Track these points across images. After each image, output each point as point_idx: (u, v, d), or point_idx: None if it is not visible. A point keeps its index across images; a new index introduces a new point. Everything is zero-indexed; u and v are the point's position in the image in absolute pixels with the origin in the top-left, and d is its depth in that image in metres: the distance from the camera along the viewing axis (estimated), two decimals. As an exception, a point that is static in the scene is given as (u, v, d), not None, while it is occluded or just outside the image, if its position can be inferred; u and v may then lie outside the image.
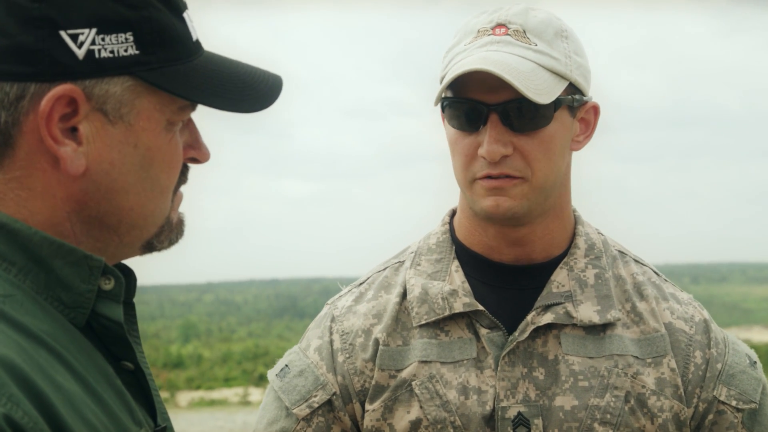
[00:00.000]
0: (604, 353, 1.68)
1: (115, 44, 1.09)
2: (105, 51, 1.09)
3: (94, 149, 1.11)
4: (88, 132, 1.10)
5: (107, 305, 1.14)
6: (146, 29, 1.11)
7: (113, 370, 1.14)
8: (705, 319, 1.76)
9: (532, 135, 1.61)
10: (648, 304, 1.73)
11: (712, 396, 1.71)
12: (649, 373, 1.68)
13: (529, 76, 1.57)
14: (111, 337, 1.15)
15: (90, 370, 1.08)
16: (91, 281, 1.11)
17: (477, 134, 1.62)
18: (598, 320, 1.68)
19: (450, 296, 1.70)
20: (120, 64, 1.10)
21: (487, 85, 1.57)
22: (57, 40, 1.07)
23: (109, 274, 1.13)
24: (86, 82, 1.09)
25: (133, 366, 1.18)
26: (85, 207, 1.12)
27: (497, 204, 1.62)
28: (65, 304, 1.10)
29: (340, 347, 1.74)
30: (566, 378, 1.66)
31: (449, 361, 1.68)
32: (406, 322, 1.72)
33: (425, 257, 1.77)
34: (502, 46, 1.60)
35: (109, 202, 1.13)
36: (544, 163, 1.62)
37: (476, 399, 1.66)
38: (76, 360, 1.07)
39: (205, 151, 1.23)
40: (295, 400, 1.73)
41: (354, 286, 1.83)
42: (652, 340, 1.70)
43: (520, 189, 1.62)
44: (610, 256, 1.77)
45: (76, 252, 1.11)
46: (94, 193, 1.12)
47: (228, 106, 1.18)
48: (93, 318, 1.13)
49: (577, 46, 1.66)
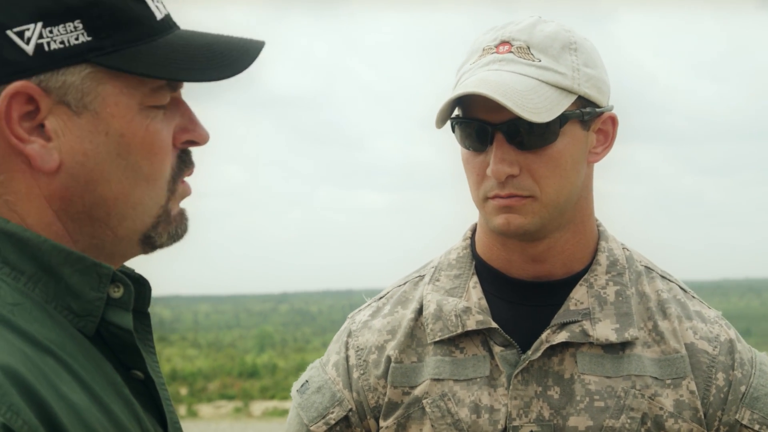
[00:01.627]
0: (621, 373, 1.65)
1: (64, 34, 1.09)
2: (55, 43, 1.09)
3: (65, 143, 1.10)
4: (56, 126, 1.10)
5: (117, 313, 1.13)
6: (95, 14, 1.10)
7: (123, 379, 1.14)
8: (731, 339, 1.71)
9: (539, 152, 1.60)
10: (670, 323, 1.69)
11: (734, 419, 1.66)
12: (668, 395, 1.65)
13: (527, 95, 1.55)
14: (121, 346, 1.15)
15: (97, 380, 1.08)
16: (100, 289, 1.11)
17: (486, 153, 1.62)
18: (616, 339, 1.65)
19: (463, 314, 1.68)
20: (72, 53, 1.09)
21: (490, 104, 1.56)
22: (4, 40, 1.07)
23: (118, 281, 1.13)
24: (41, 76, 1.08)
25: (143, 375, 1.18)
26: (70, 203, 1.12)
27: (508, 222, 1.61)
28: (75, 313, 1.11)
29: (355, 363, 1.74)
30: (581, 398, 1.64)
31: (462, 379, 1.66)
32: (421, 338, 1.71)
33: (445, 272, 1.76)
34: (503, 65, 1.60)
35: (91, 194, 1.12)
36: (552, 180, 1.60)
37: (488, 417, 1.64)
38: (84, 369, 1.07)
39: (201, 132, 1.20)
40: (313, 417, 1.74)
41: (374, 299, 1.83)
42: (672, 361, 1.67)
43: (530, 207, 1.61)
44: (634, 272, 1.74)
45: (85, 260, 1.11)
46: (74, 187, 1.12)
47: (195, 77, 1.15)
48: (103, 326, 1.13)
49: (588, 57, 1.64)
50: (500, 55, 1.61)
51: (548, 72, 1.59)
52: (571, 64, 1.61)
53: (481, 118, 1.60)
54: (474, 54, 1.66)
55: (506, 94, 1.54)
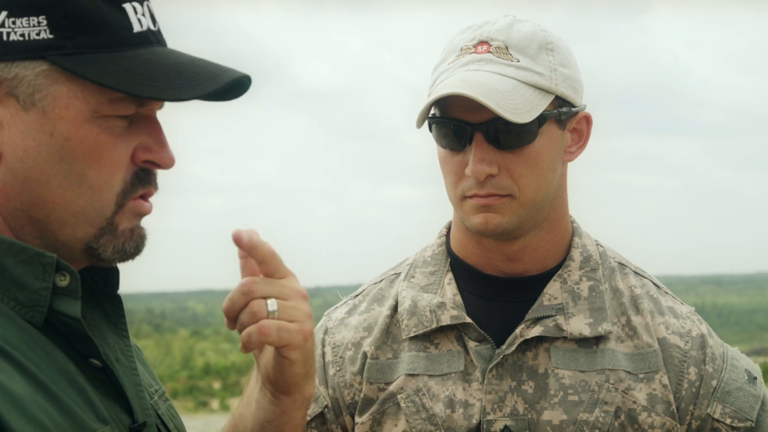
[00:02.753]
0: (595, 367, 1.66)
1: (26, 27, 1.09)
2: (15, 34, 1.08)
3: (8, 135, 1.10)
4: (2, 117, 1.10)
5: (64, 302, 1.12)
6: (61, 13, 1.10)
7: (80, 367, 1.13)
8: (702, 334, 1.72)
9: (518, 152, 1.61)
10: (643, 318, 1.71)
11: (706, 413, 1.68)
12: (641, 389, 1.66)
13: (509, 95, 1.57)
14: (72, 335, 1.13)
15: (45, 370, 1.07)
16: (45, 278, 1.10)
17: (464, 153, 1.62)
18: (589, 333, 1.67)
19: (438, 309, 1.70)
20: (31, 47, 1.09)
21: (469, 104, 1.57)
22: None
23: (63, 270, 1.12)
24: None
25: (101, 363, 1.16)
26: (8, 198, 1.12)
27: (486, 221, 1.63)
28: (22, 304, 1.10)
29: (332, 360, 1.75)
30: (555, 392, 1.65)
31: (437, 374, 1.68)
32: (396, 334, 1.73)
33: (420, 269, 1.78)
34: (482, 65, 1.60)
35: (29, 193, 1.11)
36: (530, 179, 1.62)
37: (462, 412, 1.65)
38: (29, 360, 1.06)
39: (164, 156, 1.17)
40: None
41: (350, 297, 1.84)
42: (644, 355, 1.68)
43: (508, 206, 1.62)
44: (607, 268, 1.75)
45: (27, 250, 1.10)
46: (12, 183, 1.11)
47: (148, 93, 1.12)
48: (53, 316, 1.12)
49: (564, 57, 1.65)
50: (479, 55, 1.62)
51: (527, 72, 1.60)
52: (549, 64, 1.62)
53: (459, 118, 1.61)
54: (451, 53, 1.66)
55: (488, 95, 1.55)
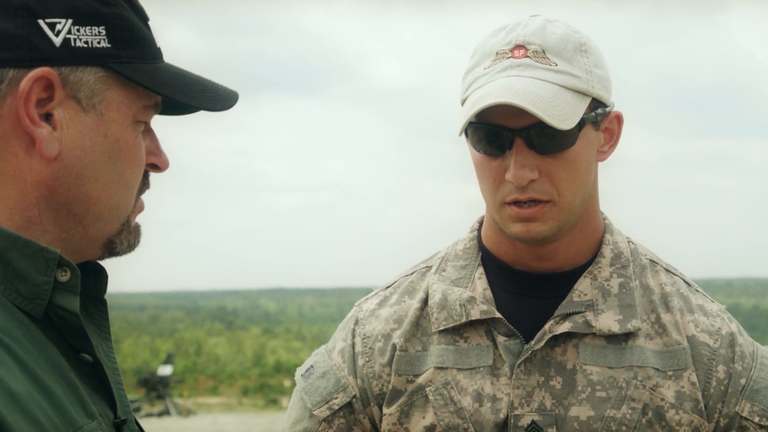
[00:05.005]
0: (624, 364, 1.66)
1: (89, 35, 1.17)
2: (80, 41, 1.17)
3: (68, 135, 1.17)
4: (63, 118, 1.17)
5: (64, 296, 1.17)
6: (117, 25, 1.20)
7: (70, 362, 1.17)
8: (732, 332, 1.71)
9: (557, 156, 1.61)
10: (672, 316, 1.70)
11: (734, 411, 1.67)
12: (669, 386, 1.66)
13: (552, 101, 1.56)
14: (69, 329, 1.19)
15: (40, 363, 1.12)
16: (47, 273, 1.15)
17: (503, 158, 1.62)
18: (618, 329, 1.67)
19: (468, 303, 1.71)
20: (93, 54, 1.18)
21: (510, 110, 1.57)
22: (35, 28, 1.15)
23: (65, 266, 1.17)
24: (62, 68, 1.16)
25: (92, 359, 1.21)
26: (54, 193, 1.18)
27: (527, 230, 1.63)
28: (23, 296, 1.15)
29: (361, 351, 1.78)
30: (583, 388, 1.65)
31: (465, 368, 1.69)
32: (426, 327, 1.75)
33: (451, 263, 1.79)
34: (522, 70, 1.60)
35: (78, 189, 1.18)
36: (570, 183, 1.62)
37: (490, 406, 1.67)
38: (27, 353, 1.10)
39: (164, 159, 1.29)
40: (317, 402, 1.77)
41: (382, 289, 1.86)
42: (673, 352, 1.68)
43: (549, 214, 1.63)
44: (638, 265, 1.75)
45: (31, 244, 1.15)
46: (64, 179, 1.18)
47: (193, 102, 1.26)
48: (51, 309, 1.17)
49: (597, 58, 1.65)
50: (516, 60, 1.61)
51: (566, 76, 1.60)
52: (584, 66, 1.62)
53: (500, 124, 1.60)
54: (486, 57, 1.65)
55: (535, 103, 1.55)
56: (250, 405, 24.22)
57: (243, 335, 46.97)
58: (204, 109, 1.28)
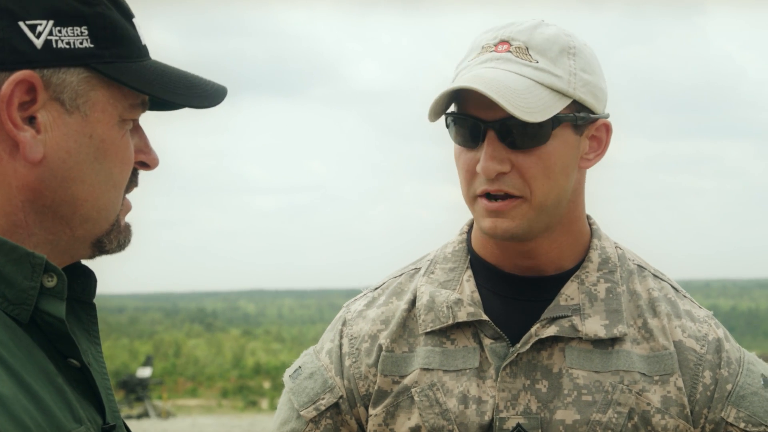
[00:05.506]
0: (610, 368, 1.66)
1: (71, 36, 1.16)
2: (62, 42, 1.15)
3: (52, 138, 1.16)
4: (46, 120, 1.15)
5: (50, 302, 1.16)
6: (100, 24, 1.18)
7: (58, 367, 1.16)
8: (719, 338, 1.72)
9: (530, 152, 1.61)
10: (660, 321, 1.71)
11: (720, 417, 1.67)
12: (656, 391, 1.66)
13: (522, 93, 1.57)
14: (55, 334, 1.17)
15: (28, 368, 1.11)
16: (33, 278, 1.14)
17: (477, 150, 1.63)
18: (604, 334, 1.67)
19: (455, 305, 1.71)
20: (76, 55, 1.16)
21: (484, 101, 1.58)
22: (16, 30, 1.13)
23: (51, 271, 1.16)
24: (44, 71, 1.14)
25: (79, 364, 1.20)
26: (40, 196, 1.16)
27: (495, 225, 1.63)
28: (9, 301, 1.13)
29: (348, 351, 1.77)
30: (569, 392, 1.66)
31: (452, 370, 1.69)
32: (413, 329, 1.75)
33: (440, 266, 1.79)
34: (500, 63, 1.61)
35: (64, 191, 1.17)
36: (542, 181, 1.62)
37: (475, 408, 1.66)
38: (14, 357, 1.09)
39: (153, 156, 1.28)
40: (303, 402, 1.77)
41: (370, 290, 1.86)
42: (660, 357, 1.68)
43: (519, 210, 1.63)
44: (626, 270, 1.75)
45: (17, 250, 1.14)
46: (50, 182, 1.16)
47: (178, 100, 1.25)
48: (37, 315, 1.16)
49: (587, 63, 1.65)
50: (498, 53, 1.63)
51: (544, 73, 1.61)
52: (569, 68, 1.62)
53: (474, 115, 1.62)
54: (473, 51, 1.67)
55: (499, 91, 1.56)
56: (229, 407, 24.18)
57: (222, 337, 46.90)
58: (190, 106, 1.26)
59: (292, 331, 51.17)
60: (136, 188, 1.29)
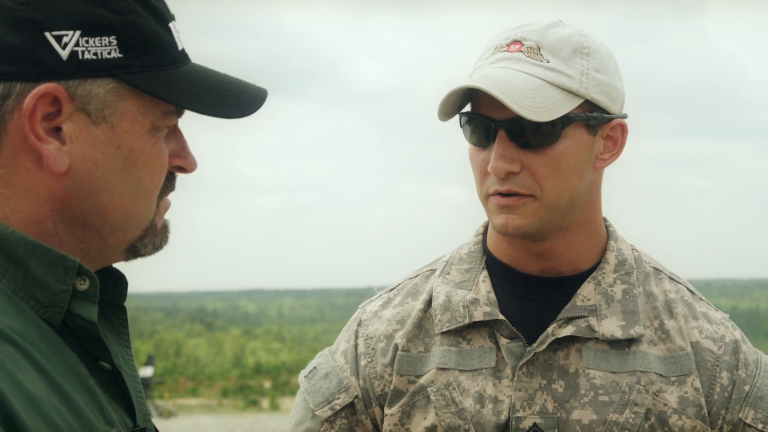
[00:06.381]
0: (626, 368, 1.67)
1: (98, 47, 1.14)
2: (88, 53, 1.14)
3: (78, 149, 1.15)
4: (72, 132, 1.14)
5: (82, 305, 1.16)
6: (129, 34, 1.16)
7: (90, 369, 1.16)
8: (736, 339, 1.72)
9: (540, 152, 1.62)
10: (676, 322, 1.71)
11: (738, 418, 1.68)
12: (672, 392, 1.66)
13: (529, 93, 1.57)
14: (87, 337, 1.18)
15: (60, 369, 1.11)
16: (66, 281, 1.15)
17: (489, 150, 1.64)
18: (621, 335, 1.67)
19: (471, 305, 1.71)
20: (103, 66, 1.15)
21: (496, 101, 1.59)
22: (42, 41, 1.12)
23: (84, 274, 1.16)
24: (70, 82, 1.13)
25: (110, 367, 1.20)
26: (68, 206, 1.16)
27: (507, 222, 1.64)
28: (41, 303, 1.14)
29: (363, 351, 1.78)
30: (586, 392, 1.66)
31: (468, 369, 1.70)
32: (429, 329, 1.75)
33: (456, 266, 1.79)
34: (511, 63, 1.62)
35: (92, 202, 1.17)
36: (553, 180, 1.62)
37: (492, 408, 1.67)
38: (46, 359, 1.10)
39: (191, 161, 1.27)
40: (319, 402, 1.77)
41: (385, 291, 1.87)
42: (677, 358, 1.68)
43: (529, 207, 1.63)
44: (642, 272, 1.75)
45: (51, 252, 1.14)
46: (77, 193, 1.16)
47: (208, 111, 1.22)
48: (69, 318, 1.16)
49: (601, 63, 1.65)
50: (510, 53, 1.64)
51: (554, 73, 1.61)
52: (581, 67, 1.63)
53: (485, 115, 1.63)
54: (487, 51, 1.69)
55: (505, 91, 1.57)
56: (230, 406, 24.17)
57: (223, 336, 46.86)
58: (221, 116, 1.24)
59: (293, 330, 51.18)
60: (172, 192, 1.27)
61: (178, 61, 1.22)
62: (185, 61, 1.23)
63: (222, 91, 1.23)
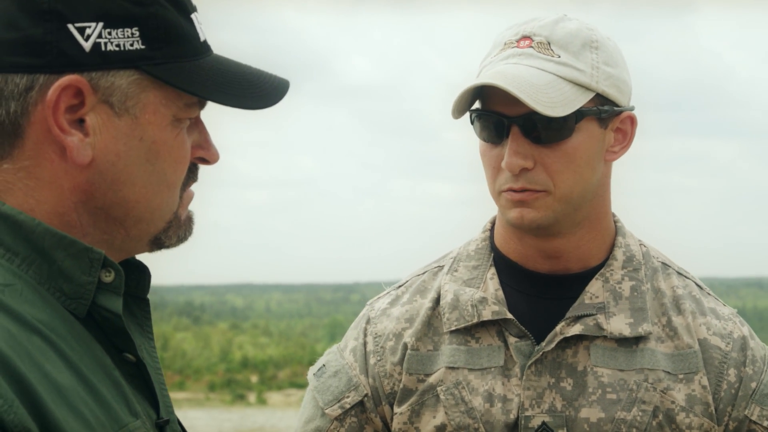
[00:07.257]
0: (634, 366, 1.67)
1: (121, 38, 1.14)
2: (111, 44, 1.14)
3: (101, 140, 1.15)
4: (95, 123, 1.15)
5: (107, 297, 1.17)
6: (152, 25, 1.16)
7: (114, 361, 1.17)
8: (744, 335, 1.73)
9: (554, 147, 1.62)
10: (684, 318, 1.71)
11: (744, 415, 1.68)
12: (680, 389, 1.67)
13: (544, 89, 1.58)
14: (112, 329, 1.18)
15: (86, 361, 1.12)
16: (91, 273, 1.15)
17: (502, 146, 1.64)
18: (629, 333, 1.68)
19: (479, 304, 1.72)
20: (126, 57, 1.15)
21: (508, 97, 1.59)
22: (65, 33, 1.12)
23: (109, 266, 1.17)
24: (93, 74, 1.13)
25: (135, 359, 1.21)
26: (91, 198, 1.17)
27: (521, 216, 1.64)
28: (66, 295, 1.14)
29: (373, 349, 1.78)
30: (594, 390, 1.66)
31: (477, 368, 1.70)
32: (438, 327, 1.75)
33: (463, 263, 1.79)
34: (522, 59, 1.62)
35: (115, 194, 1.17)
36: (567, 175, 1.63)
37: (501, 407, 1.67)
38: (72, 350, 1.10)
39: (214, 152, 1.27)
40: (328, 401, 1.77)
41: (393, 288, 1.86)
42: (685, 356, 1.69)
43: (543, 201, 1.63)
44: (650, 268, 1.76)
45: (76, 244, 1.15)
46: (100, 184, 1.16)
47: (231, 102, 1.22)
48: (94, 309, 1.17)
49: (610, 56, 1.66)
50: (520, 49, 1.64)
51: (566, 68, 1.62)
52: (591, 61, 1.63)
53: (498, 111, 1.63)
54: (495, 48, 1.69)
55: (521, 87, 1.57)
56: (217, 400, 24.14)
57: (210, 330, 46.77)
58: (243, 107, 1.24)
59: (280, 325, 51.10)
60: (195, 183, 1.27)
61: (201, 53, 1.22)
62: (207, 52, 1.23)
63: (244, 82, 1.24)
